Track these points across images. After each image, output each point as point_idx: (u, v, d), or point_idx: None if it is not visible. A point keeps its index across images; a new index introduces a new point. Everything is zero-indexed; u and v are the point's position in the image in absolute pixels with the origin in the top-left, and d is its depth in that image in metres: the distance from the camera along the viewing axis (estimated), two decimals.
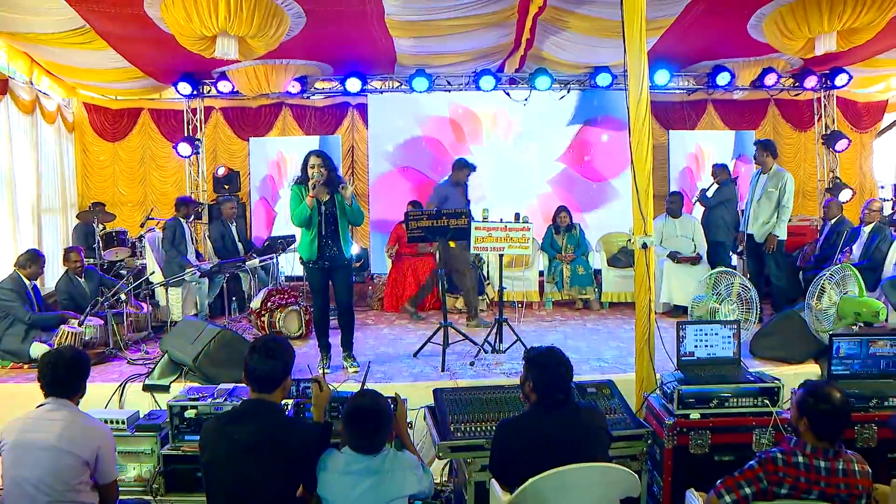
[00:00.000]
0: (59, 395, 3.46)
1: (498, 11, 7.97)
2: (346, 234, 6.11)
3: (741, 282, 6.17)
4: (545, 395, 3.37)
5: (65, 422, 3.37)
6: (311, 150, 6.04)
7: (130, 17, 7.40)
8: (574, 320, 8.46)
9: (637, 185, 4.74)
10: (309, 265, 6.20)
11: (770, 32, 8.17)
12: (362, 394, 3.36)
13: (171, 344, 6.14)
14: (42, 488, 3.25)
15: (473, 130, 11.56)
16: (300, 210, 5.89)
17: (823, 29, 7.50)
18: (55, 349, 3.81)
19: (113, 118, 11.78)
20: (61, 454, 3.29)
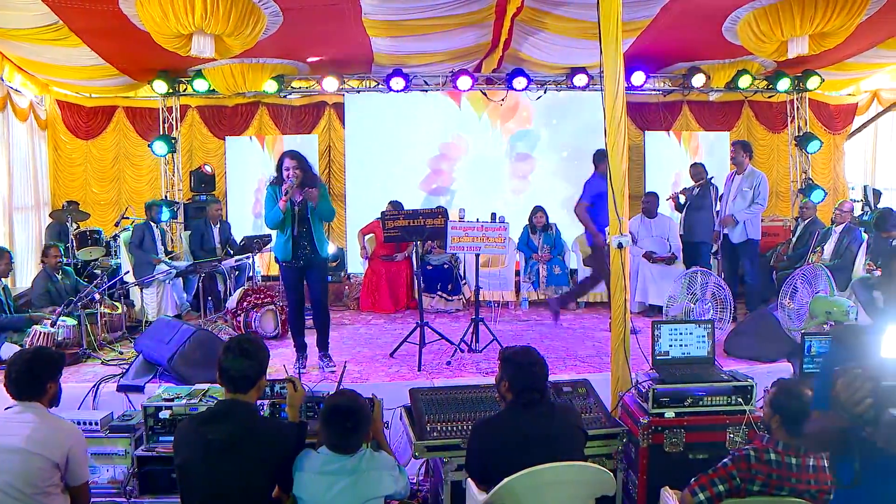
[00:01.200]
0: (25, 398, 3.39)
1: (475, 11, 7.98)
2: (320, 234, 6.09)
3: (715, 281, 6.23)
4: (520, 394, 3.37)
5: (33, 424, 3.31)
6: (285, 151, 6.01)
7: (105, 14, 7.32)
8: (550, 320, 8.47)
9: (613, 185, 4.76)
10: (283, 265, 6.20)
11: (744, 35, 8.26)
12: (341, 393, 3.36)
13: (145, 344, 6.09)
14: (11, 492, 3.18)
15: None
16: (273, 213, 5.87)
17: (796, 32, 7.61)
18: (18, 351, 3.73)
19: (87, 116, 11.64)
20: (30, 457, 3.22)
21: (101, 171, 11.84)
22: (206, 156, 11.78)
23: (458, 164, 11.62)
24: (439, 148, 11.60)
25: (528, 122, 11.62)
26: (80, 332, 6.73)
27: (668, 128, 12.13)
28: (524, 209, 9.98)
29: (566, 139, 11.61)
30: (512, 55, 9.61)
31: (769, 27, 7.75)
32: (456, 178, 11.60)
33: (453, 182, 11.61)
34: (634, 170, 11.32)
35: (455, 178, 11.60)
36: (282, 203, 5.79)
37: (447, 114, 11.54)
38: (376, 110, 11.36)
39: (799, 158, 11.50)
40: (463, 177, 11.59)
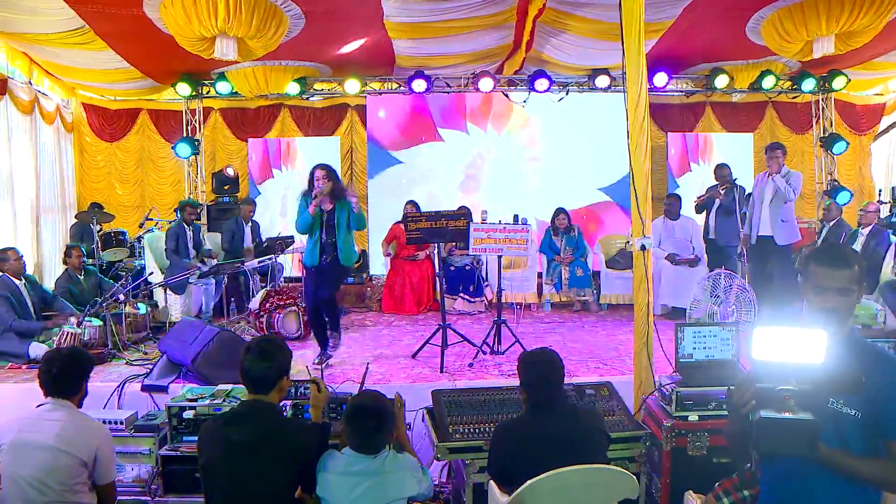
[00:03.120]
0: (57, 396, 3.46)
1: (497, 13, 7.98)
2: (347, 243, 6.27)
3: (740, 284, 6.18)
4: (532, 394, 3.38)
5: (63, 422, 3.37)
6: (316, 164, 6.28)
7: (129, 18, 7.41)
8: (572, 322, 8.45)
9: (635, 187, 4.73)
10: (307, 268, 6.46)
11: (768, 35, 8.20)
12: (364, 393, 3.37)
13: (169, 345, 6.14)
14: (40, 488, 3.25)
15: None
16: (303, 217, 6.17)
17: (821, 32, 7.53)
18: (55, 349, 3.81)
19: (111, 118, 11.76)
20: (59, 454, 3.29)
21: (124, 174, 11.95)
22: (228, 157, 11.87)
23: (481, 166, 11.61)
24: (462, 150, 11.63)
25: (550, 123, 11.59)
26: (106, 333, 6.81)
27: (690, 129, 12.06)
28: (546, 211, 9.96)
29: (589, 140, 11.57)
30: (534, 57, 9.60)
31: (794, 27, 7.68)
32: (479, 180, 11.60)
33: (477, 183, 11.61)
34: (656, 171, 11.26)
35: (478, 179, 11.60)
36: (311, 208, 6.07)
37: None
38: (398, 112, 11.40)
39: (824, 160, 11.41)
40: (486, 178, 11.58)
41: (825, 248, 2.79)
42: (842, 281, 2.48)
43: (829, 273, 2.49)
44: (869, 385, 2.29)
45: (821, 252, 2.63)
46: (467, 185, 11.53)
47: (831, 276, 2.49)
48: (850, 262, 2.51)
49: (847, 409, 2.40)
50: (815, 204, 11.67)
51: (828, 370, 2.27)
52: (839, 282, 2.48)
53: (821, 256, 2.57)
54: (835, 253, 2.59)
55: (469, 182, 11.53)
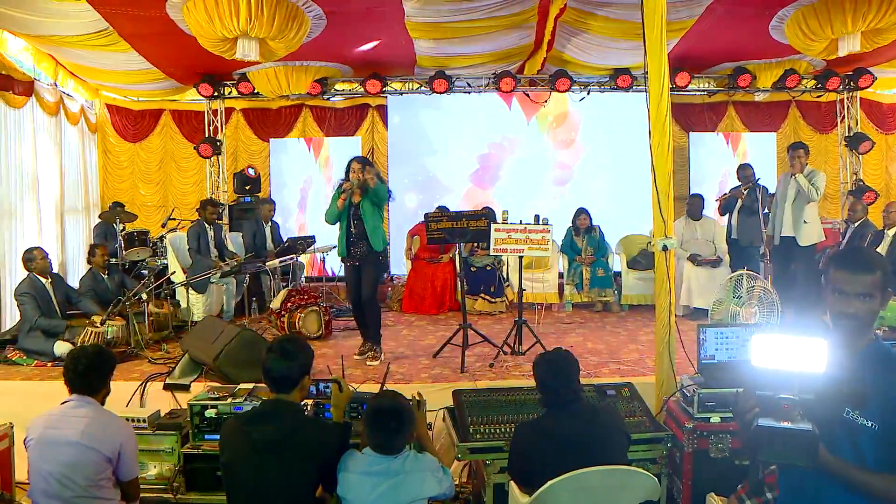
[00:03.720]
0: (82, 393, 3.52)
1: (518, 13, 7.96)
2: (374, 229, 6.41)
3: (762, 285, 6.13)
4: (548, 395, 3.38)
5: (88, 418, 3.43)
6: (353, 157, 6.54)
7: (153, 20, 7.48)
8: (593, 322, 8.43)
9: (657, 187, 4.72)
10: (343, 261, 6.68)
11: (792, 34, 8.10)
12: (384, 394, 3.38)
13: (191, 343, 6.19)
14: (66, 483, 3.31)
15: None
16: (330, 209, 6.42)
17: (847, 30, 7.42)
18: (80, 347, 3.87)
19: (134, 119, 11.89)
20: (84, 450, 3.35)
21: (147, 174, 12.07)
22: (250, 158, 11.94)
23: (502, 165, 11.62)
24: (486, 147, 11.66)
25: (573, 122, 11.56)
26: (129, 331, 6.88)
27: (713, 129, 12.00)
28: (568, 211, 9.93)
29: (610, 140, 11.55)
30: (555, 57, 9.57)
31: (819, 25, 7.57)
32: (500, 179, 11.60)
33: (497, 182, 11.61)
34: (678, 171, 11.21)
35: (499, 178, 11.60)
36: (340, 201, 6.30)
37: (491, 115, 11.57)
38: (419, 112, 11.43)
39: (849, 160, 11.28)
40: (507, 177, 11.58)
41: (847, 251, 2.59)
42: (863, 286, 2.36)
43: (849, 277, 2.38)
44: (890, 396, 2.23)
45: (842, 255, 2.53)
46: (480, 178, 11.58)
47: (852, 281, 2.37)
48: (871, 267, 2.39)
49: (863, 420, 2.30)
50: (839, 204, 11.55)
51: (833, 379, 2.20)
52: (860, 287, 2.36)
53: (842, 260, 2.47)
54: (856, 256, 2.50)
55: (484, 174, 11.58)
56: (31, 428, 3.49)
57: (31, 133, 9.18)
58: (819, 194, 7.55)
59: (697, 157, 11.86)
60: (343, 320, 8.60)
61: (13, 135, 8.75)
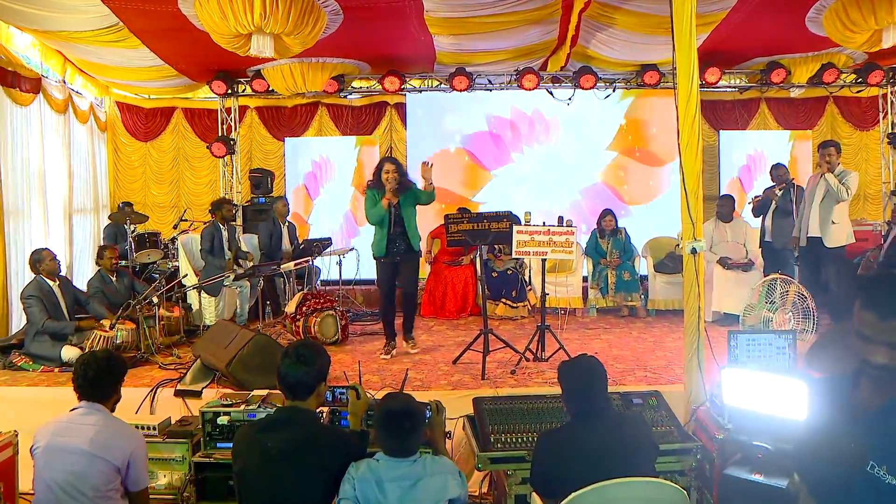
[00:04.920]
0: (92, 399, 3.53)
1: (541, 7, 7.96)
2: (413, 230, 6.90)
3: (797, 290, 6.08)
4: (573, 404, 3.37)
5: (97, 426, 3.43)
6: (384, 158, 7.14)
7: (164, 15, 7.54)
8: (619, 328, 8.40)
9: (686, 187, 4.70)
10: (380, 261, 6.95)
11: (830, 25, 7.97)
12: (392, 396, 3.39)
13: (203, 348, 6.22)
14: (72, 493, 3.31)
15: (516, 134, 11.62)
16: (376, 211, 6.73)
17: (893, 19, 7.28)
18: (90, 352, 3.89)
19: (145, 117, 11.99)
20: (93, 459, 3.35)
21: (159, 173, 12.16)
22: (265, 157, 12.02)
23: (523, 165, 11.61)
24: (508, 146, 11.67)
25: (596, 122, 11.54)
26: (139, 336, 6.93)
27: (744, 127, 11.92)
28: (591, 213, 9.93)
29: (638, 139, 11.53)
30: (579, 53, 9.55)
31: (861, 16, 7.43)
32: (522, 180, 11.59)
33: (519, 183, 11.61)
34: (708, 171, 11.15)
35: (521, 179, 11.59)
36: (384, 201, 6.67)
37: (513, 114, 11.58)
38: (439, 110, 11.46)
39: (892, 158, 11.17)
40: (529, 178, 11.56)
41: (880, 281, 2.13)
42: (893, 335, 1.97)
43: (878, 323, 1.99)
44: None
45: (872, 289, 2.09)
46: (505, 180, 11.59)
47: (879, 328, 1.99)
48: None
49: (892, 477, 1.98)
50: (881, 205, 11.44)
51: (816, 429, 2.01)
52: (890, 336, 1.98)
53: (870, 297, 2.05)
54: (890, 295, 2.02)
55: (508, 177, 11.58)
56: (38, 435, 3.49)
57: (38, 131, 9.26)
58: (850, 194, 7.48)
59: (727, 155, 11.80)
60: (360, 324, 8.65)
61: (20, 133, 8.81)
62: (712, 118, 11.88)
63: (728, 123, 11.96)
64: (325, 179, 11.80)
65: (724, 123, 11.96)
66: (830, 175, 7.47)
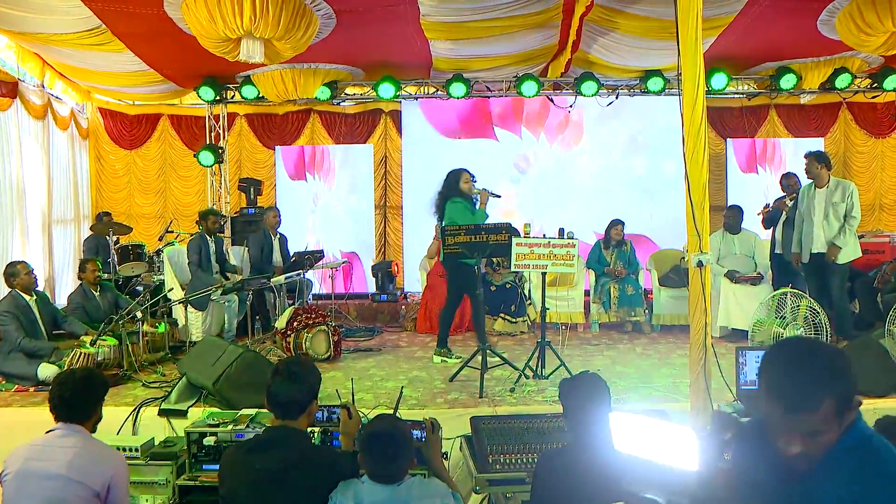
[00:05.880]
0: (70, 420, 3.48)
1: (541, 12, 7.99)
2: None
3: (809, 304, 6.09)
4: (573, 423, 3.38)
5: (75, 449, 3.38)
6: (460, 168, 7.32)
7: (149, 18, 7.55)
8: (623, 344, 8.40)
9: (692, 198, 4.71)
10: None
11: (844, 28, 7.99)
12: (379, 418, 3.38)
13: (189, 366, 6.19)
14: None
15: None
16: (479, 217, 7.11)
17: None
18: (68, 371, 3.86)
19: (130, 124, 12.01)
20: (70, 484, 3.28)
21: (145, 183, 12.18)
22: (255, 166, 12.04)
23: (524, 175, 11.65)
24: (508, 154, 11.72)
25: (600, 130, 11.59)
26: (121, 353, 6.85)
27: (752, 135, 11.97)
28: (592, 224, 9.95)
29: (642, 147, 11.57)
30: (580, 58, 9.58)
31: (876, 17, 7.42)
32: (522, 190, 11.62)
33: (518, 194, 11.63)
34: (715, 181, 11.19)
35: (521, 189, 11.62)
36: (484, 206, 7.16)
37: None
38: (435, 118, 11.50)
39: None
40: (529, 188, 11.59)
41: (786, 363, 1.98)
42: (806, 426, 1.88)
43: (784, 417, 1.90)
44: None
45: (776, 374, 1.95)
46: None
47: (789, 422, 1.90)
48: (816, 401, 1.86)
49: None
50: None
51: (719, 486, 1.92)
52: (802, 427, 1.89)
53: (775, 386, 1.94)
54: (794, 387, 1.90)
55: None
56: (9, 460, 3.41)
57: (16, 138, 9.25)
58: (859, 218, 7.50)
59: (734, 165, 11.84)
60: (353, 340, 8.64)
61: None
62: (719, 126, 11.93)
63: (736, 131, 12.00)
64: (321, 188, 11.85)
65: (731, 131, 12.00)
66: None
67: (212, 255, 8.70)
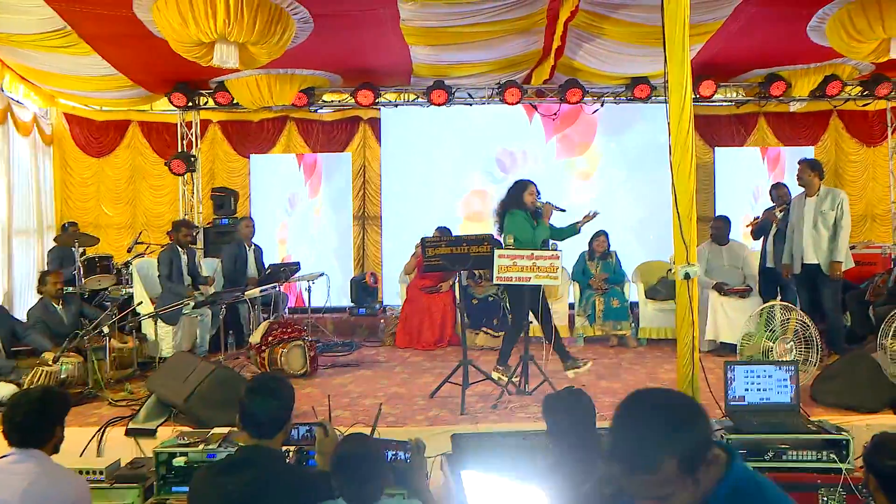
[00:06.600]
0: (23, 445, 3.31)
1: (525, 17, 8.02)
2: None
3: (799, 317, 6.12)
4: (558, 440, 3.37)
5: (31, 476, 3.20)
6: (525, 179, 7.20)
7: (118, 20, 7.47)
8: (608, 358, 8.40)
9: (678, 208, 4.74)
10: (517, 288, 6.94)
11: (834, 35, 8.04)
12: (349, 438, 3.35)
13: (159, 383, 6.14)
14: None
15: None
16: (540, 232, 6.99)
17: None
18: (22, 392, 3.68)
19: (97, 131, 11.90)
20: None
21: (115, 192, 12.07)
22: (229, 175, 11.99)
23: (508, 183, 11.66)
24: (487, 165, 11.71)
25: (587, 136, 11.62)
26: (86, 370, 6.77)
27: (741, 143, 12.05)
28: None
29: (628, 155, 11.62)
30: (565, 65, 9.62)
31: (867, 24, 7.47)
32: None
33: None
34: (703, 191, 11.25)
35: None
36: (546, 221, 7.06)
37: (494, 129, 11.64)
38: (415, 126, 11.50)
39: None
40: None
41: (622, 416, 2.02)
42: (645, 489, 1.82)
43: (624, 478, 1.86)
44: None
45: (615, 432, 1.95)
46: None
47: (629, 483, 1.85)
48: (652, 462, 1.80)
49: None
50: (890, 226, 11.57)
51: None
52: (642, 490, 1.83)
53: (613, 445, 1.93)
54: (628, 443, 1.90)
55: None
56: None
57: None
58: (849, 227, 7.55)
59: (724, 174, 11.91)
60: (330, 355, 8.60)
61: None
62: (707, 134, 11.99)
63: (724, 140, 12.07)
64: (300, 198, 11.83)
65: (719, 140, 12.07)
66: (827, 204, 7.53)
67: (183, 268, 8.64)
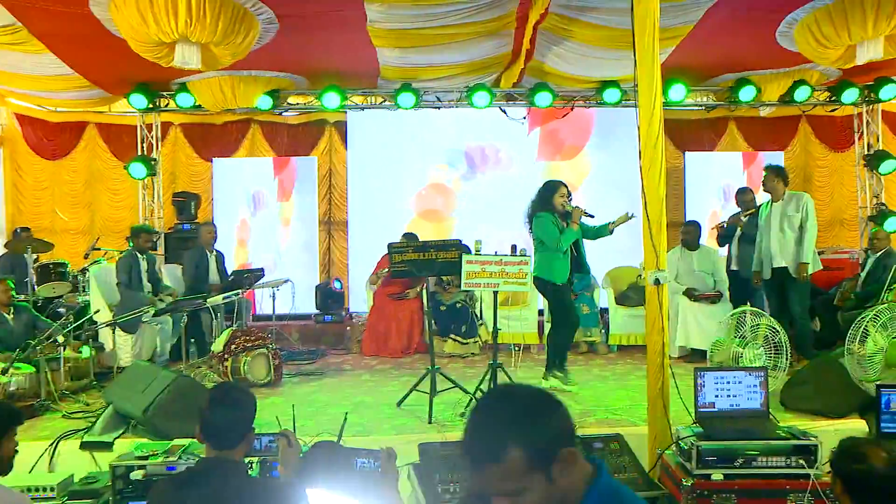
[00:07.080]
0: None
1: (494, 19, 8.03)
2: (584, 256, 7.30)
3: (768, 323, 6.19)
4: None
5: None
6: (556, 180, 7.23)
7: (73, 17, 7.34)
8: (578, 365, 8.41)
9: (648, 213, 4.77)
10: (561, 286, 7.08)
11: (802, 40, 8.18)
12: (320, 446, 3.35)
13: (116, 393, 6.07)
14: None
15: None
16: (567, 236, 6.91)
17: (867, 35, 7.46)
18: None
19: (52, 132, 11.77)
20: None
21: (71, 196, 11.95)
22: (191, 179, 11.90)
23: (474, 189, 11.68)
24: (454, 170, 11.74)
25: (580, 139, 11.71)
26: (38, 381, 6.67)
27: (711, 147, 12.16)
28: None
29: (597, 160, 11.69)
30: (534, 68, 9.65)
31: (834, 30, 7.60)
32: (471, 205, 11.66)
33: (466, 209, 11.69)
34: (673, 195, 11.34)
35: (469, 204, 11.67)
36: (575, 225, 6.94)
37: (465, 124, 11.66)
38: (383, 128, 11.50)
39: (869, 181, 11.36)
40: (481, 203, 11.62)
41: (472, 409, 2.03)
42: (494, 482, 1.81)
43: (473, 474, 1.85)
44: None
45: (464, 435, 1.88)
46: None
47: (477, 479, 1.84)
48: (497, 450, 1.78)
49: None
50: (857, 231, 11.71)
51: None
52: (490, 484, 1.82)
53: (463, 439, 1.88)
54: (475, 432, 1.87)
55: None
56: None
57: None
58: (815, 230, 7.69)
59: (693, 179, 12.02)
60: (294, 364, 8.57)
61: None
62: (677, 139, 12.10)
63: (694, 144, 12.18)
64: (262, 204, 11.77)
65: (689, 144, 12.17)
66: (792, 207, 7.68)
67: (143, 274, 8.56)
